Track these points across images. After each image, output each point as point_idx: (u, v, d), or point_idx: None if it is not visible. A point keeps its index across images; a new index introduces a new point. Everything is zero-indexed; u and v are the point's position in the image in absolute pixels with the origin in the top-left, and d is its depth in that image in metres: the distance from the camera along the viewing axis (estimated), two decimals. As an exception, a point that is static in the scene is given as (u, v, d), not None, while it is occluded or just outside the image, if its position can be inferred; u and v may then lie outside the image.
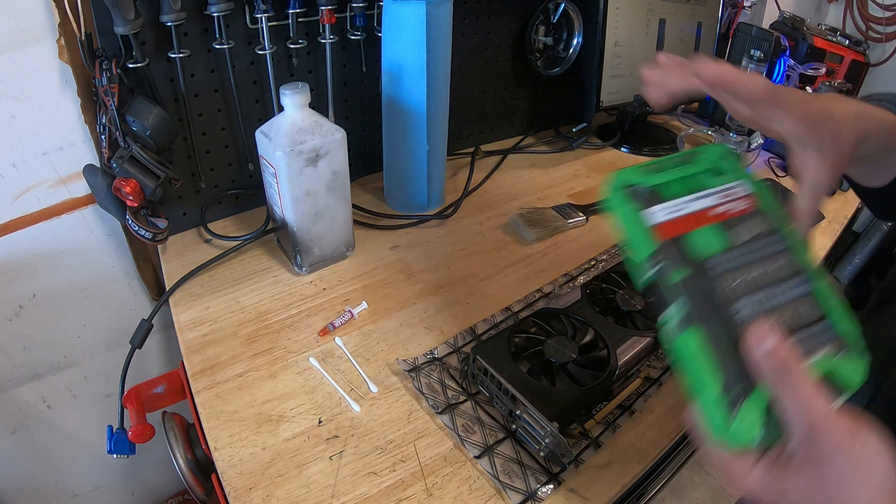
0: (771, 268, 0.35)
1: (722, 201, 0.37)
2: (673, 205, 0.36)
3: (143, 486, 1.11)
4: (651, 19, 0.98)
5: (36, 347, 0.82)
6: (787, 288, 0.34)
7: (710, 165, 0.39)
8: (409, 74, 0.70)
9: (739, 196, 0.37)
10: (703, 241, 0.35)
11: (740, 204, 0.37)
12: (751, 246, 0.36)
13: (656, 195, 0.37)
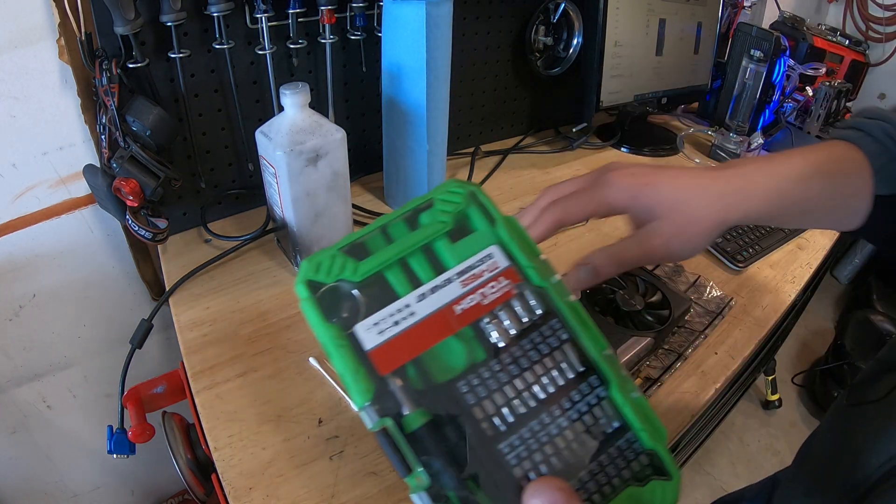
0: (548, 375, 0.26)
1: (467, 289, 0.26)
2: (394, 312, 0.25)
3: (143, 486, 1.11)
4: (651, 19, 0.98)
5: (36, 347, 0.82)
6: (574, 399, 0.26)
7: (449, 224, 0.27)
8: (409, 74, 0.70)
9: (493, 273, 0.26)
10: (441, 356, 0.25)
11: (496, 287, 0.26)
12: (515, 350, 0.26)
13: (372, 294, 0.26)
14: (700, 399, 0.55)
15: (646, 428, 0.26)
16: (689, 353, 0.60)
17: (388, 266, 0.26)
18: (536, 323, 0.26)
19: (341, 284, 0.26)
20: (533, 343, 0.26)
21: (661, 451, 0.26)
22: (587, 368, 0.26)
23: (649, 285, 0.63)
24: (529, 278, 0.27)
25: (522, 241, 0.27)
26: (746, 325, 0.65)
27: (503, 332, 0.26)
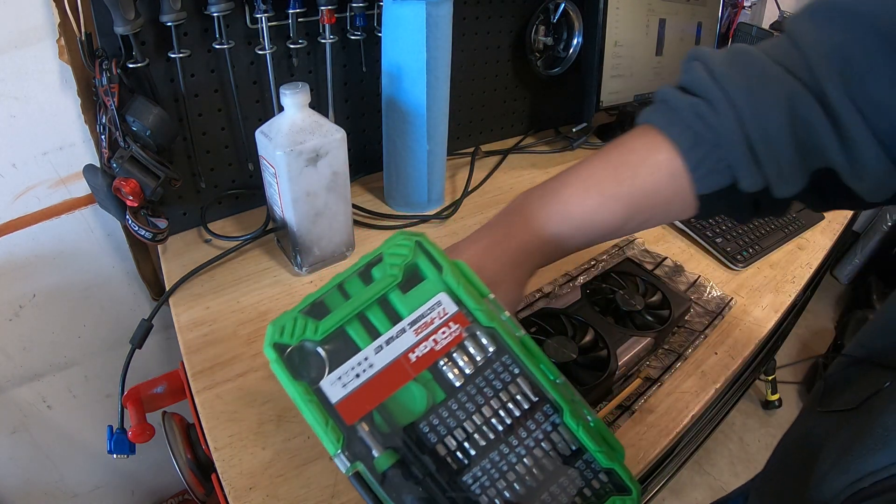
0: (504, 408, 0.27)
1: (421, 337, 0.28)
2: (355, 365, 0.27)
3: (143, 486, 1.11)
4: (651, 19, 0.98)
5: (36, 347, 0.82)
6: (531, 428, 0.27)
7: (399, 276, 0.29)
8: (409, 74, 0.70)
9: (443, 319, 0.28)
10: (403, 400, 0.27)
11: (447, 332, 0.28)
12: (471, 387, 0.28)
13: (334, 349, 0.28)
14: (700, 399, 0.55)
15: (602, 449, 0.28)
16: (689, 353, 0.60)
17: (348, 321, 0.29)
18: (490, 359, 0.28)
19: (305, 343, 0.29)
20: (487, 380, 0.28)
21: (619, 469, 0.27)
22: (540, 398, 0.28)
23: (649, 285, 0.63)
24: (478, 320, 0.29)
25: (469, 285, 0.29)
26: (746, 325, 0.65)
27: (458, 372, 0.28)
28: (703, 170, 0.35)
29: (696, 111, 0.34)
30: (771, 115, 0.32)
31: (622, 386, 0.55)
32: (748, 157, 0.33)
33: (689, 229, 0.79)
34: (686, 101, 0.35)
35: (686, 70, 0.37)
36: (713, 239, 0.77)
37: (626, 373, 0.56)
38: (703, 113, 0.34)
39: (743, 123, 0.33)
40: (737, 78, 0.33)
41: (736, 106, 0.33)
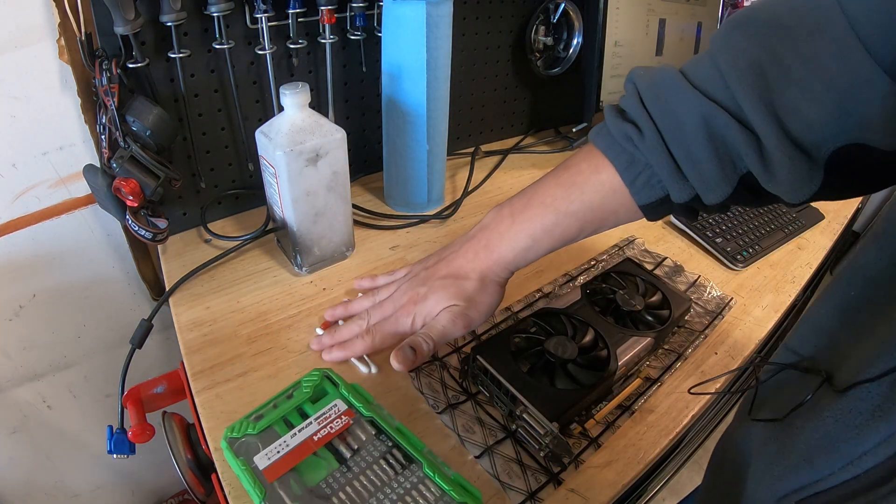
0: (379, 469, 0.40)
1: (322, 426, 0.42)
2: (277, 445, 0.41)
3: (143, 486, 1.11)
4: (651, 19, 0.98)
5: (36, 347, 0.82)
6: (399, 483, 0.39)
7: (310, 393, 0.45)
8: (409, 74, 0.70)
9: (337, 415, 0.43)
10: (310, 469, 0.40)
11: (339, 422, 0.43)
12: (357, 457, 0.41)
13: (265, 439, 0.42)
14: (700, 399, 0.55)
15: (455, 489, 0.39)
16: (689, 353, 0.60)
17: (275, 422, 0.43)
18: (371, 437, 0.42)
19: (247, 437, 0.42)
20: (369, 451, 0.41)
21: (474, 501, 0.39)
22: (409, 461, 0.41)
23: (649, 285, 0.63)
24: (361, 413, 0.44)
25: (356, 393, 0.46)
26: (746, 325, 0.65)
27: (346, 447, 0.42)
28: (639, 185, 0.41)
29: (627, 136, 0.40)
30: (690, 136, 0.37)
31: (622, 386, 0.55)
32: (675, 173, 0.38)
33: (689, 229, 0.79)
34: (620, 128, 0.41)
35: (626, 90, 0.43)
36: (713, 239, 0.77)
37: (626, 373, 0.56)
38: (633, 137, 0.40)
39: (666, 145, 0.38)
40: (659, 103, 0.39)
41: (660, 130, 0.38)
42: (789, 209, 0.87)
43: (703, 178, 0.37)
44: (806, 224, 0.85)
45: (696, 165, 0.37)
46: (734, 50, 0.35)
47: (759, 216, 0.84)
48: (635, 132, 0.39)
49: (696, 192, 0.38)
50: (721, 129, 0.35)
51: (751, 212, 0.85)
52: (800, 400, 0.32)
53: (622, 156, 0.41)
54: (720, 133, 0.35)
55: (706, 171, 0.37)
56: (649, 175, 0.40)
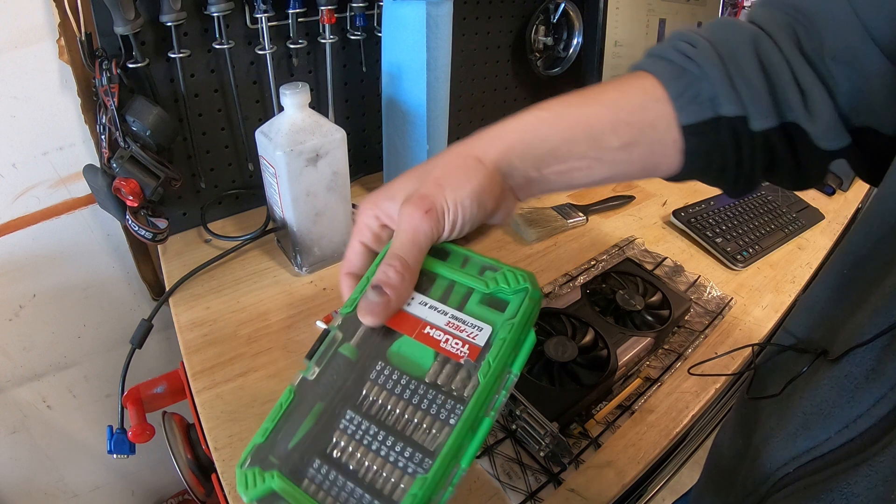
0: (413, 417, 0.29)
1: (450, 330, 0.31)
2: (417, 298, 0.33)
3: (143, 486, 1.11)
4: (651, 19, 0.98)
5: (36, 347, 0.82)
6: (400, 440, 0.29)
7: (496, 288, 0.32)
8: (409, 74, 0.70)
9: (468, 338, 0.30)
10: (401, 349, 0.31)
11: (461, 347, 0.30)
12: (422, 387, 0.30)
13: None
14: (700, 399, 0.55)
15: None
16: (689, 353, 0.60)
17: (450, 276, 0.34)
18: (445, 392, 0.29)
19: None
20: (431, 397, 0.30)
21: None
22: (431, 450, 0.28)
23: (649, 285, 0.63)
24: (479, 369, 0.29)
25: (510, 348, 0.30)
26: (746, 325, 0.65)
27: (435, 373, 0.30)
28: (686, 99, 0.36)
29: (677, 47, 0.37)
30: (741, 48, 0.35)
31: (622, 386, 0.55)
32: (727, 81, 0.35)
33: (689, 229, 0.79)
34: (667, 44, 0.38)
35: (669, 36, 0.40)
36: (713, 239, 0.77)
37: (626, 373, 0.56)
38: (683, 48, 0.36)
39: (719, 54, 0.35)
40: (710, 28, 0.37)
41: (712, 41, 0.36)
42: (789, 209, 0.87)
43: (754, 95, 0.34)
44: (806, 224, 0.85)
45: (747, 80, 0.34)
46: (767, 13, 0.36)
47: (759, 216, 0.84)
48: (686, 44, 0.36)
49: (745, 109, 0.34)
50: (767, 51, 0.34)
51: (751, 212, 0.85)
52: (795, 374, 0.33)
53: (669, 67, 0.36)
54: (767, 55, 0.34)
55: (757, 88, 0.34)
56: (698, 89, 0.35)
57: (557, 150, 0.36)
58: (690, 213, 0.83)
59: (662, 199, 0.90)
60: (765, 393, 0.37)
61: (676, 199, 0.90)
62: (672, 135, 0.36)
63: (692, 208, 0.84)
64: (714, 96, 0.35)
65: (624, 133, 0.36)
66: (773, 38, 0.35)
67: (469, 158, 0.35)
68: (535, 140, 0.36)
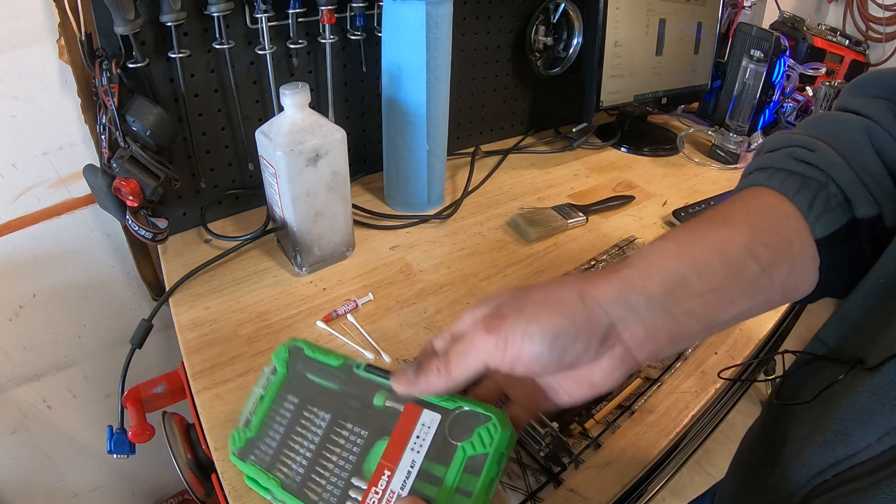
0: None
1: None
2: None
3: (143, 486, 1.11)
4: (651, 19, 0.98)
5: (36, 347, 0.82)
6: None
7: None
8: (409, 74, 0.70)
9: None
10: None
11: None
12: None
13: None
14: (700, 399, 0.55)
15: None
16: (689, 353, 0.60)
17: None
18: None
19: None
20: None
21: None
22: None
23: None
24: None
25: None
26: (746, 325, 0.65)
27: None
28: (818, 210, 0.32)
29: (793, 156, 0.33)
30: (859, 146, 0.33)
31: (622, 386, 0.55)
32: (857, 182, 0.32)
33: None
34: (780, 153, 0.34)
35: (767, 143, 0.37)
36: (713, 239, 0.77)
37: (626, 373, 0.56)
38: (800, 155, 0.33)
39: (842, 155, 0.33)
40: (814, 127, 0.35)
41: (828, 142, 0.33)
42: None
43: (883, 189, 0.32)
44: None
45: (873, 177, 0.32)
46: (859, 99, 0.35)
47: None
48: (802, 150, 0.34)
49: (880, 207, 0.32)
50: (884, 141, 0.33)
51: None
52: (829, 381, 0.32)
53: (790, 180, 0.33)
54: (884, 146, 0.33)
55: (885, 184, 0.32)
56: (828, 196, 0.32)
57: (689, 283, 0.30)
58: (690, 213, 0.83)
59: (662, 198, 0.90)
60: (796, 399, 0.36)
61: (676, 199, 0.90)
62: (809, 251, 0.33)
63: (692, 208, 0.84)
64: (845, 201, 0.32)
65: (763, 255, 0.31)
66: (881, 124, 0.33)
67: (568, 290, 0.30)
68: (661, 274, 0.30)
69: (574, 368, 0.30)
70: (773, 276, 0.32)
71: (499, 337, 0.29)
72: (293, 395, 0.41)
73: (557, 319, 0.29)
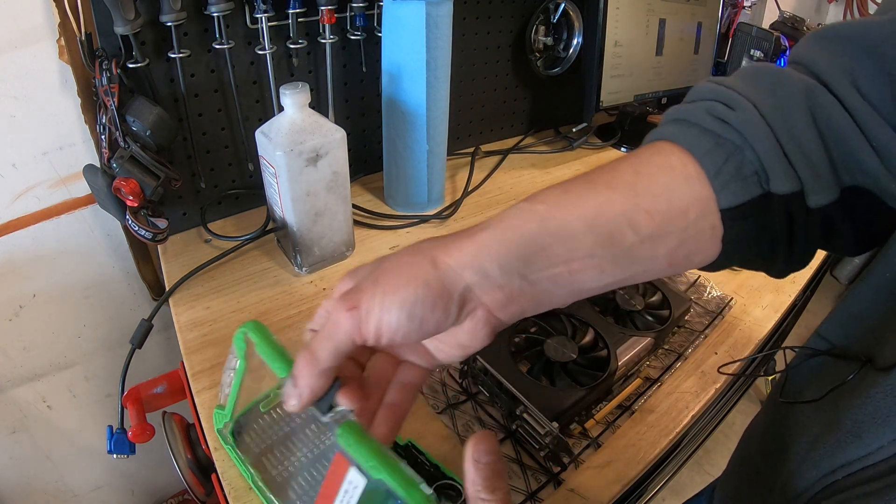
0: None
1: None
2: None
3: (143, 486, 1.11)
4: (651, 19, 0.98)
5: (36, 347, 0.82)
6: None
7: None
8: (409, 74, 0.70)
9: None
10: None
11: None
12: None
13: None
14: (700, 399, 0.55)
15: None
16: (689, 353, 0.60)
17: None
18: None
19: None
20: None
21: None
22: None
23: (649, 285, 0.63)
24: None
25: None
26: (746, 325, 0.65)
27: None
28: (726, 175, 0.29)
29: (710, 110, 0.30)
30: (793, 112, 0.29)
31: (622, 386, 0.55)
32: (778, 151, 0.28)
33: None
34: (698, 105, 0.31)
35: (692, 92, 0.33)
36: (713, 239, 0.77)
37: (626, 373, 0.56)
38: (718, 111, 0.30)
39: (765, 118, 0.29)
40: (751, 81, 0.30)
41: (754, 101, 0.29)
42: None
43: (812, 165, 0.28)
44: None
45: (801, 148, 0.28)
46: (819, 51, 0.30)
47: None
48: (723, 107, 0.30)
49: (802, 183, 0.28)
50: (827, 108, 0.28)
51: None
52: (839, 381, 0.31)
53: (702, 136, 0.30)
54: (826, 114, 0.28)
55: (815, 158, 0.28)
56: (740, 162, 0.29)
57: (551, 250, 0.28)
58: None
59: (662, 199, 0.90)
60: (801, 397, 0.35)
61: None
62: (710, 220, 0.29)
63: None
64: (761, 169, 0.29)
65: (645, 225, 0.28)
66: (831, 87, 0.29)
67: (422, 258, 0.29)
68: (519, 239, 0.28)
69: (439, 332, 0.30)
70: (657, 248, 0.29)
71: (358, 312, 0.28)
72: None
73: (412, 289, 0.28)
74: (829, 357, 0.34)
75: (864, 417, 0.28)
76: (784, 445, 0.35)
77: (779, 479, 0.34)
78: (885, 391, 0.28)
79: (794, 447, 0.34)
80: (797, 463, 0.33)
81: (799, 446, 0.33)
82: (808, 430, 0.33)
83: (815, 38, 0.31)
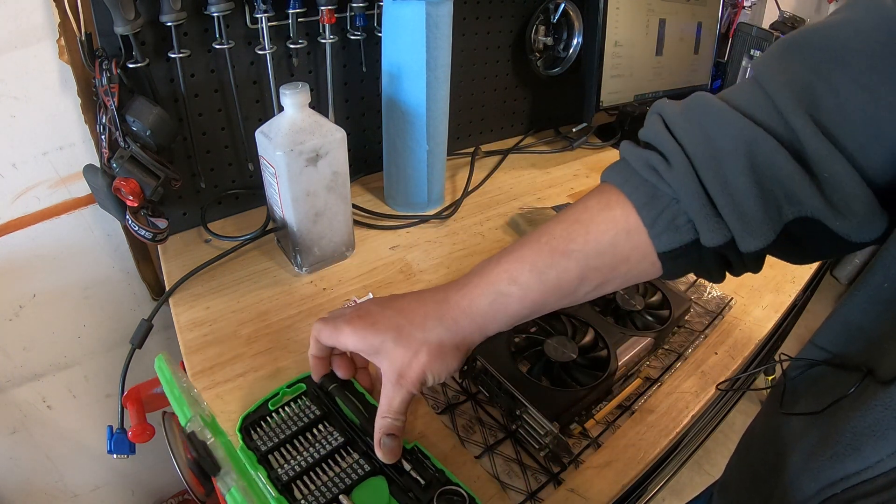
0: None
1: None
2: None
3: (143, 486, 1.11)
4: (651, 19, 0.98)
5: (36, 347, 0.82)
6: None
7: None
8: (409, 74, 0.70)
9: None
10: None
11: None
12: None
13: None
14: (700, 399, 0.55)
15: None
16: (689, 353, 0.60)
17: None
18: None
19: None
20: None
21: None
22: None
23: (649, 285, 0.63)
24: None
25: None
26: (746, 325, 0.65)
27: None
28: (661, 226, 0.33)
29: (649, 164, 0.34)
30: (729, 162, 0.30)
31: (622, 386, 0.55)
32: (708, 208, 0.31)
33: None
34: (640, 155, 0.34)
35: (646, 123, 0.36)
36: (713, 239, 0.77)
37: (626, 373, 0.56)
38: (656, 165, 0.33)
39: (698, 173, 0.31)
40: (691, 127, 0.32)
41: (690, 156, 0.32)
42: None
43: (743, 216, 0.31)
44: (806, 224, 0.85)
45: (734, 200, 0.30)
46: (778, 68, 0.30)
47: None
48: (660, 160, 0.33)
49: (732, 234, 0.31)
50: (769, 155, 0.30)
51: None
52: (838, 394, 0.31)
53: (641, 189, 0.34)
54: (767, 161, 0.30)
55: (747, 207, 0.30)
56: (674, 213, 0.32)
57: (531, 315, 0.39)
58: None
59: (662, 199, 0.90)
60: (799, 406, 0.35)
61: (676, 199, 0.90)
62: (649, 260, 0.35)
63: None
64: (693, 219, 0.32)
65: (594, 279, 0.36)
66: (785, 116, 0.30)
67: (452, 348, 0.39)
68: (509, 319, 0.39)
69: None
70: (606, 287, 0.37)
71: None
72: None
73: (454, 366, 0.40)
74: (827, 366, 0.34)
75: (864, 430, 0.29)
76: (782, 455, 0.35)
77: (777, 490, 0.34)
78: (885, 404, 0.28)
79: (791, 457, 0.34)
80: (795, 474, 0.33)
81: (798, 456, 0.33)
82: (806, 439, 0.33)
83: (781, 50, 0.32)
